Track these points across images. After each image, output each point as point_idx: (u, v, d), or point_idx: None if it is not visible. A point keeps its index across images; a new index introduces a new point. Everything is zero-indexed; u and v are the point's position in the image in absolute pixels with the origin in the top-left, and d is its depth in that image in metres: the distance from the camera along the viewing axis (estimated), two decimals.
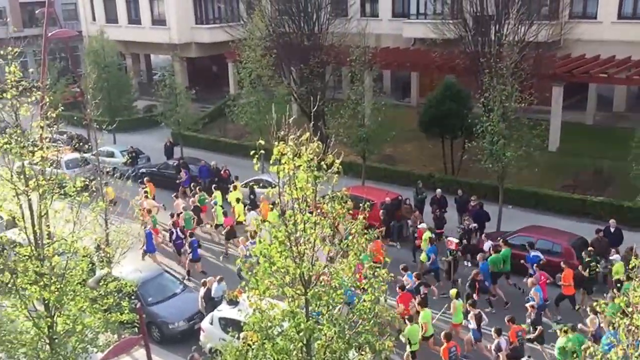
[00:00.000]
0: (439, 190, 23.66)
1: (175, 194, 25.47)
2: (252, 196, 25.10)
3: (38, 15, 37.75)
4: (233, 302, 15.65)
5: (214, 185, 25.63)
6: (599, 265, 17.44)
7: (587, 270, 17.49)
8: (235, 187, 24.85)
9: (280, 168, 8.99)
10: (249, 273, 9.52)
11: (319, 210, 9.42)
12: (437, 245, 19.87)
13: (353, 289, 10.19)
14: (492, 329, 15.11)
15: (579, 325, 14.94)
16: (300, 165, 9.05)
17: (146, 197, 24.29)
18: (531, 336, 15.48)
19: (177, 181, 27.80)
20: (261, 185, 24.45)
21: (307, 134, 9.15)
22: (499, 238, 19.92)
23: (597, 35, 30.57)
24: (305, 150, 9.05)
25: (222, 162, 29.01)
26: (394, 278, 16.21)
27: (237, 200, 23.63)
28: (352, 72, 26.40)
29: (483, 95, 22.46)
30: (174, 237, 21.55)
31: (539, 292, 16.46)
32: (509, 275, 19.11)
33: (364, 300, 9.77)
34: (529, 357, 14.44)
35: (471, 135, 23.90)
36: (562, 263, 17.63)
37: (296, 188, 9.11)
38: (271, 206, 20.74)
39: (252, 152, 9.50)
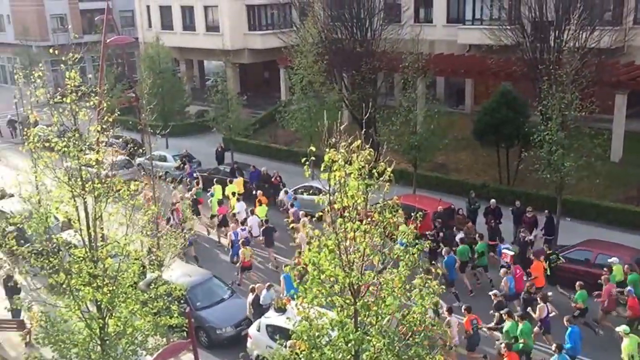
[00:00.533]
0: (493, 201, 22.97)
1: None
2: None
3: (97, 22, 38.88)
4: (281, 310, 15.53)
5: (214, 179, 26.98)
6: None
7: None
8: (231, 182, 26.56)
9: (331, 175, 8.87)
10: (298, 281, 9.44)
11: (369, 219, 9.25)
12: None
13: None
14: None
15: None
16: (352, 173, 8.92)
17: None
18: (490, 325, 16.08)
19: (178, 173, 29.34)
20: (311, 192, 24.35)
21: (359, 141, 9.01)
22: (556, 251, 19.19)
23: None
24: (357, 158, 8.92)
25: (272, 168, 29.09)
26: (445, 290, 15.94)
27: (233, 193, 25.18)
28: (404, 79, 26.06)
29: (541, 103, 21.73)
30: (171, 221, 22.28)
31: (509, 281, 17.23)
32: (487, 269, 19.74)
33: (414, 312, 9.53)
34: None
35: (528, 144, 23.18)
36: (531, 255, 18.50)
37: (347, 196, 8.98)
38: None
39: (303, 159, 9.40)
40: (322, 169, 8.93)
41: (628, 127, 28.26)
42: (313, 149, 10.01)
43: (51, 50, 12.78)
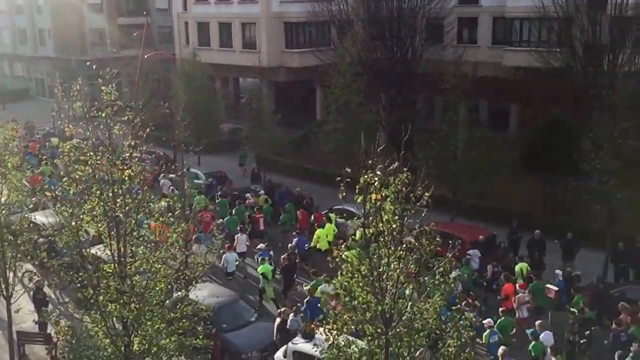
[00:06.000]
0: (537, 232, 21.90)
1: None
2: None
3: (136, 37, 39.36)
4: (308, 336, 15.01)
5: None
6: None
7: None
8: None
9: (367, 198, 8.59)
10: (327, 307, 9.22)
11: (404, 245, 8.89)
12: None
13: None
14: None
15: None
16: (388, 196, 8.58)
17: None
18: None
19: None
20: (344, 215, 23.80)
21: (396, 163, 8.69)
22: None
23: None
24: (394, 181, 8.57)
25: (305, 189, 28.64)
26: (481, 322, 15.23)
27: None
28: (445, 102, 25.48)
29: (592, 130, 20.81)
30: None
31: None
32: None
33: (449, 345, 9.21)
34: None
35: (577, 173, 22.17)
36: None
37: (382, 220, 8.59)
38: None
39: (337, 179, 9.08)
40: (357, 191, 8.59)
41: None
42: (348, 170, 9.68)
43: (89, 64, 12.82)
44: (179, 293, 14.99)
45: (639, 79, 21.48)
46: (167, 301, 12.95)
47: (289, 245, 21.73)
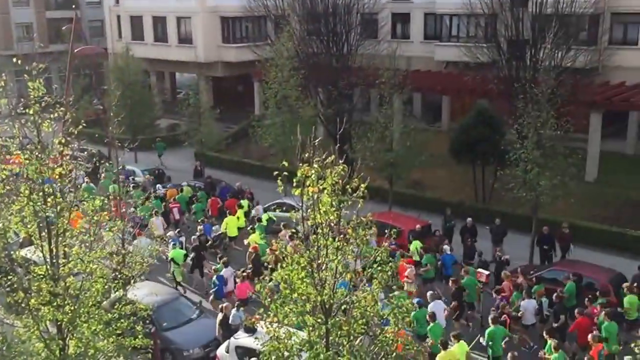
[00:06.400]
0: (469, 219, 22.76)
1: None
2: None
3: (64, 31, 38.08)
4: (250, 330, 15.03)
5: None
6: None
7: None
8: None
9: (304, 191, 8.71)
10: (268, 299, 9.20)
11: (342, 236, 9.12)
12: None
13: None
14: None
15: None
16: (325, 189, 8.72)
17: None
18: None
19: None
20: (284, 208, 23.94)
21: (332, 156, 8.83)
22: (532, 272, 19.02)
23: (638, 62, 29.57)
24: (330, 173, 8.72)
25: (245, 184, 28.59)
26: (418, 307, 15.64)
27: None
28: (381, 95, 25.94)
29: (517, 122, 21.72)
30: None
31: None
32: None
33: (387, 332, 9.46)
34: None
35: (504, 163, 23.13)
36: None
37: (320, 212, 8.73)
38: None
39: (275, 173, 9.16)
40: (294, 184, 8.69)
41: (603, 147, 28.44)
42: (286, 164, 9.76)
43: (14, 60, 12.38)
44: (117, 293, 14.76)
45: (559, 73, 22.50)
46: (105, 302, 12.74)
47: (199, 227, 22.73)
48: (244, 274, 18.97)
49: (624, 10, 30.17)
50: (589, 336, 14.41)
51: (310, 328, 9.15)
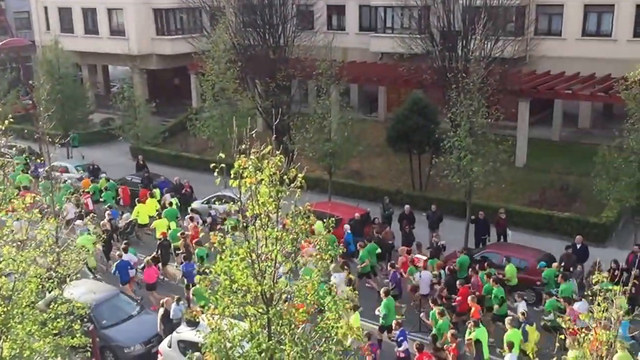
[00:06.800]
0: (407, 206, 23.31)
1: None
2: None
3: None
4: (193, 324, 14.94)
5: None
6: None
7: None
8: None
9: (242, 182, 8.70)
10: (209, 291, 9.13)
11: (281, 226, 9.15)
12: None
13: None
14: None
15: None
16: (262, 180, 8.75)
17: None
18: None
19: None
20: (224, 201, 23.83)
21: (269, 147, 8.87)
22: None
23: (562, 52, 30.95)
24: (268, 164, 8.76)
25: (184, 178, 28.23)
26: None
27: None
28: (318, 86, 26.11)
29: (450, 111, 22.34)
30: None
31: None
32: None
33: (327, 318, 9.52)
34: None
35: (438, 151, 23.77)
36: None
37: (258, 203, 8.77)
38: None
39: (212, 165, 9.13)
40: (231, 176, 8.70)
41: (531, 134, 29.65)
42: (223, 155, 9.73)
43: None
44: (53, 292, 14.39)
45: (488, 63, 23.26)
46: (40, 301, 12.45)
47: (106, 213, 23.13)
48: (151, 258, 19.59)
49: (549, 2, 31.51)
50: (468, 298, 16.01)
51: (252, 318, 9.15)
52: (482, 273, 17.73)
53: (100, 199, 26.15)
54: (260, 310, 9.08)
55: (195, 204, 25.63)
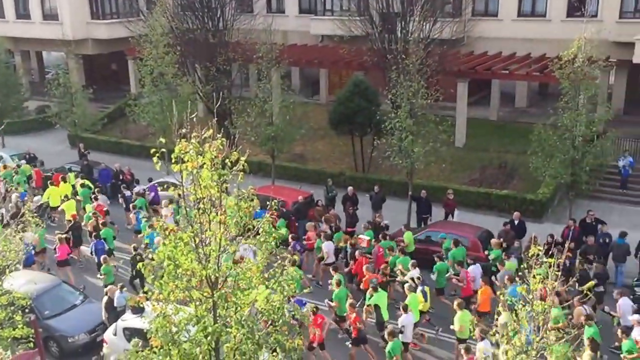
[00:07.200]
0: (350, 188, 23.63)
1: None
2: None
3: None
4: (138, 310, 14.84)
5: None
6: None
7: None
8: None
9: (183, 167, 8.67)
10: (152, 277, 9.10)
11: (224, 210, 9.15)
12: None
13: None
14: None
15: None
16: (204, 164, 8.74)
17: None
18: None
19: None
20: (165, 187, 23.56)
21: (210, 130, 8.85)
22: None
23: (498, 32, 31.58)
24: (209, 148, 8.76)
25: (124, 165, 27.69)
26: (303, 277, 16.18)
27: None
28: (259, 70, 26.00)
29: (391, 92, 22.67)
30: None
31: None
32: None
33: (273, 300, 9.58)
34: None
35: (380, 132, 24.13)
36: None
37: (200, 187, 8.78)
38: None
39: (152, 151, 9.05)
40: (173, 161, 8.67)
41: (470, 114, 30.35)
42: (163, 141, 9.67)
43: None
44: None
45: (427, 44, 23.67)
46: None
47: (14, 195, 23.11)
48: (62, 237, 20.15)
49: None
50: (364, 267, 17.43)
51: (197, 302, 9.14)
52: (383, 242, 18.86)
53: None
54: (206, 294, 9.08)
55: (137, 189, 25.23)
